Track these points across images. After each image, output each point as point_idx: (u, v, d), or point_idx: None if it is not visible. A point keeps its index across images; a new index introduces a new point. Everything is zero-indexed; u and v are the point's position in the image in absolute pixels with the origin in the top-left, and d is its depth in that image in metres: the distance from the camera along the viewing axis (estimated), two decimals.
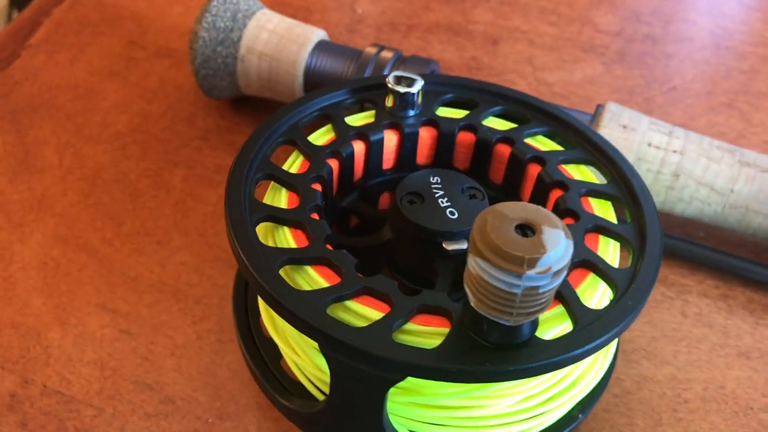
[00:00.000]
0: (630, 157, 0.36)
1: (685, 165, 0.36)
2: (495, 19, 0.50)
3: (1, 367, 0.34)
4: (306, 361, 0.28)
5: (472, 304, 0.24)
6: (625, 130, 0.36)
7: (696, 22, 0.51)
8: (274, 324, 0.30)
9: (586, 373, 0.29)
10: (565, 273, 0.22)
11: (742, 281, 0.38)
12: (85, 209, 0.41)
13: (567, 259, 0.22)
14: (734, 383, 0.35)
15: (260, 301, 0.31)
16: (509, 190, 0.34)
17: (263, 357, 0.31)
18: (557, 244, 0.22)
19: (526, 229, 0.22)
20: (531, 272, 0.21)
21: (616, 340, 0.32)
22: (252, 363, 0.31)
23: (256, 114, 0.45)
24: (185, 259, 0.39)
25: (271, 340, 0.31)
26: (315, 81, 0.41)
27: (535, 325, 0.25)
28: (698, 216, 0.37)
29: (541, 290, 0.22)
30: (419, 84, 0.33)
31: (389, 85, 0.33)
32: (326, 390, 0.28)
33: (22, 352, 0.35)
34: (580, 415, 0.30)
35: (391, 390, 0.26)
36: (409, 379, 0.26)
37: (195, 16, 0.49)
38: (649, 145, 0.36)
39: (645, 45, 0.49)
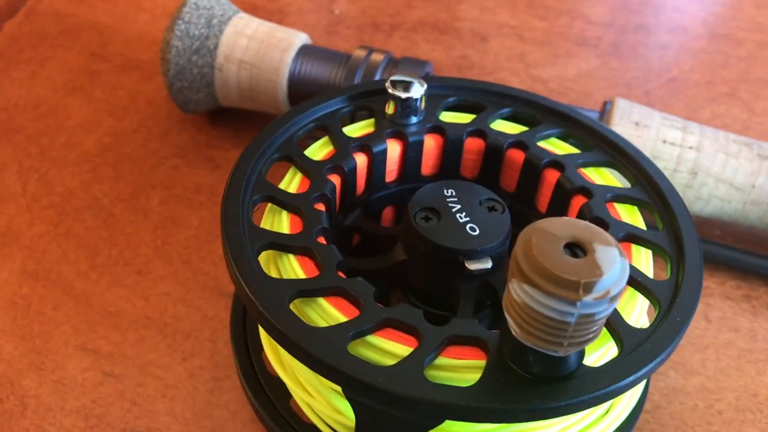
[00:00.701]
0: None
1: (703, 162, 0.34)
2: (481, 15, 0.48)
3: None
4: (321, 402, 0.26)
5: (514, 335, 0.21)
6: (638, 127, 0.34)
7: (687, 10, 0.49)
8: (280, 361, 0.27)
9: (623, 396, 0.27)
10: (620, 297, 0.20)
11: (764, 280, 0.36)
12: (56, 240, 0.37)
13: (624, 281, 0.19)
14: (767, 390, 0.33)
15: (263, 336, 0.28)
16: (523, 199, 0.31)
17: (269, 397, 0.28)
18: (613, 265, 0.19)
19: (576, 248, 0.20)
20: (588, 298, 0.19)
21: None
22: (258, 404, 0.28)
23: (236, 127, 0.42)
24: (170, 289, 0.35)
25: (277, 378, 0.28)
26: (300, 89, 0.38)
27: (582, 353, 0.22)
28: (717, 214, 0.35)
29: (596, 317, 0.20)
30: (422, 88, 0.30)
31: (389, 91, 0.30)
32: None
33: None
34: None
35: None
36: None
37: (162, 24, 0.46)
38: (664, 142, 0.34)
39: (638, 35, 0.47)
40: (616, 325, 0.24)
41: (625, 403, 0.27)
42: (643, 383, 0.28)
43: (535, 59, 0.45)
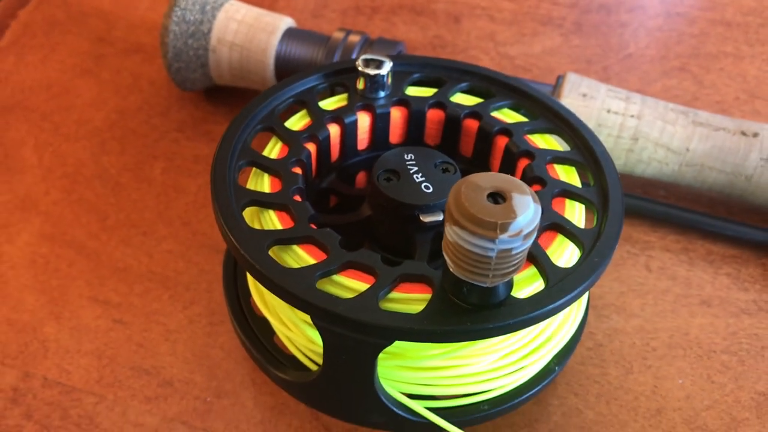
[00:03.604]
0: (591, 124, 0.38)
1: (643, 128, 0.38)
2: None
3: (0, 363, 0.36)
4: (298, 334, 0.30)
5: (451, 270, 0.25)
6: (585, 99, 0.38)
7: None
8: (265, 303, 0.32)
9: (559, 329, 0.31)
10: (535, 235, 0.24)
11: (701, 234, 0.40)
12: (69, 206, 0.42)
13: (536, 222, 0.24)
14: (697, 330, 0.37)
15: (250, 282, 0.33)
16: (479, 162, 0.36)
17: (257, 335, 0.32)
18: (526, 209, 0.24)
19: (498, 196, 0.24)
20: (504, 236, 0.23)
21: (586, 297, 0.34)
22: (247, 341, 0.32)
23: (230, 103, 0.47)
24: (171, 247, 0.40)
25: (262, 318, 0.33)
26: (286, 68, 0.42)
27: (510, 285, 0.27)
28: (657, 175, 0.39)
29: (513, 252, 0.24)
30: (388, 66, 0.35)
31: (359, 69, 0.34)
32: (318, 360, 0.30)
33: (20, 348, 0.36)
34: (556, 368, 0.32)
35: (381, 356, 0.28)
36: (397, 344, 0.27)
37: (161, 10, 0.50)
38: (608, 111, 0.38)
39: (600, 15, 0.51)
40: (543, 265, 0.28)
41: (562, 335, 0.31)
42: (578, 318, 0.33)
43: (503, 38, 0.49)
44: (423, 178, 0.31)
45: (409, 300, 0.27)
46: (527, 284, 0.28)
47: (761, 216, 0.41)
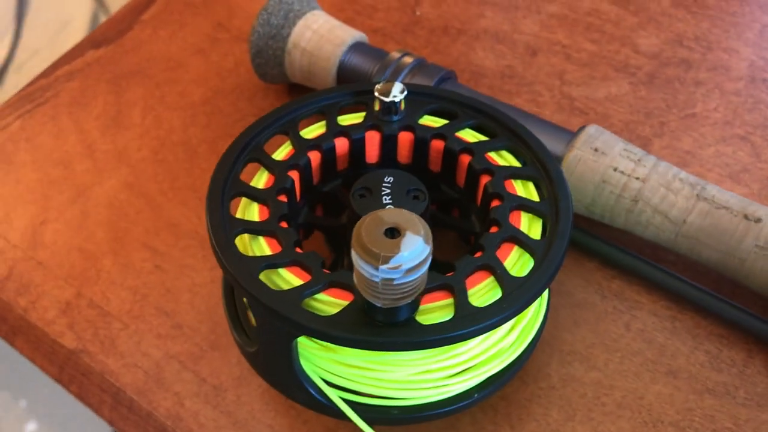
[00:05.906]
0: (595, 179, 0.40)
1: (645, 192, 0.39)
2: (540, 31, 0.54)
3: (64, 280, 0.44)
4: None
5: (356, 287, 0.29)
6: (596, 153, 0.40)
7: (738, 51, 0.51)
8: None
9: (486, 362, 0.34)
10: (420, 271, 0.28)
11: (694, 307, 0.40)
12: (152, 164, 0.50)
13: (419, 260, 0.27)
14: (653, 396, 0.38)
15: None
16: (468, 195, 0.38)
17: (236, 307, 0.38)
18: (412, 247, 0.27)
19: (395, 231, 0.28)
20: (384, 267, 0.27)
21: (527, 339, 0.36)
22: (227, 310, 0.38)
23: None
24: None
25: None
26: (346, 77, 0.47)
27: (412, 309, 0.30)
28: (655, 240, 0.40)
29: (395, 282, 0.27)
30: (402, 95, 0.38)
31: (375, 93, 0.38)
32: None
33: (81, 271, 0.45)
34: (476, 395, 0.34)
35: (310, 343, 0.33)
36: None
37: None
38: (615, 170, 0.39)
39: (678, 70, 0.50)
40: (459, 299, 0.31)
41: (486, 368, 0.34)
42: (510, 357, 0.35)
43: (572, 78, 0.51)
44: (390, 201, 0.35)
45: (331, 303, 0.31)
46: (442, 315, 0.31)
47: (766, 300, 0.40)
